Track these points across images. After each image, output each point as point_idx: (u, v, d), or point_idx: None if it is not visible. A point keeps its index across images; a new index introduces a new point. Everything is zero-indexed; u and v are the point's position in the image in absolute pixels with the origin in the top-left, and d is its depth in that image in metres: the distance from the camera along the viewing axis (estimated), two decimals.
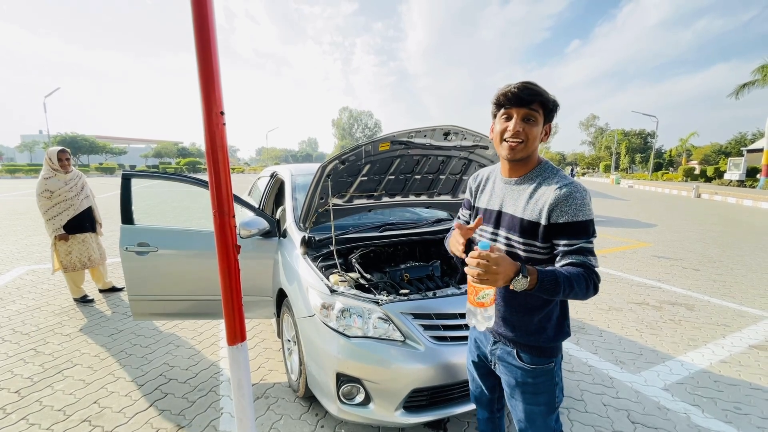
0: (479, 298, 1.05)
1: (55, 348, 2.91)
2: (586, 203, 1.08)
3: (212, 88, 1.23)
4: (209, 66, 1.21)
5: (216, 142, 1.25)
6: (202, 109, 1.24)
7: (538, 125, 1.12)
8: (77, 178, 3.75)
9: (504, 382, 1.31)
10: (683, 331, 3.40)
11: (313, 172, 3.38)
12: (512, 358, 1.25)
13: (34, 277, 4.60)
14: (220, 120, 1.25)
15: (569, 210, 1.07)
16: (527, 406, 1.25)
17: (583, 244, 1.08)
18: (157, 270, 2.61)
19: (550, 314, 1.21)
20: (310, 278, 2.08)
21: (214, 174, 1.28)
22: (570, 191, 1.08)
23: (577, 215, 1.07)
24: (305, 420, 2.14)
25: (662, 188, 23.94)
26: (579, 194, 1.08)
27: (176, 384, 2.48)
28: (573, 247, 1.09)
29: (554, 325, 1.21)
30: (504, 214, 1.21)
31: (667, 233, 8.47)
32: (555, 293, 1.03)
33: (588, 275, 1.06)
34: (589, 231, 1.09)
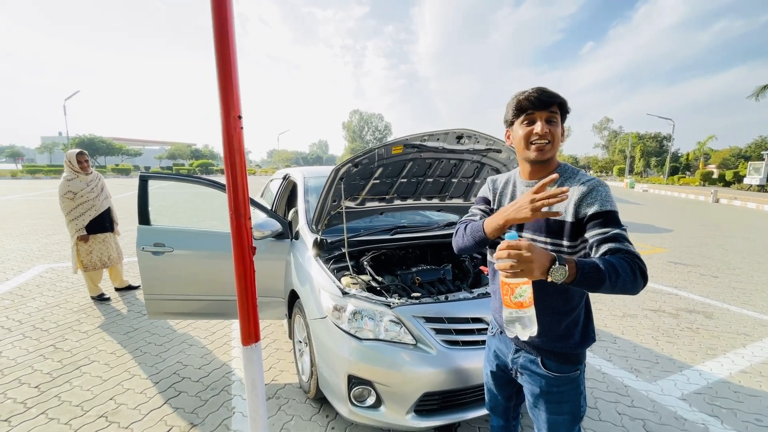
0: (516, 297, 0.95)
1: (73, 344, 2.99)
2: (611, 196, 1.08)
3: (230, 93, 1.25)
4: (228, 71, 1.24)
5: (233, 145, 1.28)
6: (221, 112, 1.26)
7: (559, 126, 1.15)
8: (97, 179, 3.85)
9: (527, 391, 1.28)
10: (701, 340, 3.31)
11: (325, 175, 3.42)
12: (536, 366, 1.22)
13: (53, 275, 4.73)
14: (237, 124, 1.27)
15: (596, 201, 1.07)
16: (551, 416, 1.22)
17: (618, 231, 1.03)
18: (172, 270, 2.66)
19: (577, 319, 1.19)
20: (322, 280, 2.09)
21: (232, 177, 1.30)
22: (594, 185, 1.09)
23: (605, 205, 1.06)
24: (316, 421, 2.15)
25: (678, 192, 23.42)
26: (603, 188, 1.09)
27: (189, 382, 2.52)
28: (608, 235, 1.03)
29: (581, 329, 1.19)
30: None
31: (684, 239, 8.28)
32: (599, 282, 0.92)
33: (632, 260, 0.97)
34: (619, 221, 1.06)
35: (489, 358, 1.45)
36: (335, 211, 2.40)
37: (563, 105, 1.15)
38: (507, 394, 1.44)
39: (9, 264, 5.17)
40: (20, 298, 3.94)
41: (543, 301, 1.17)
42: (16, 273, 4.78)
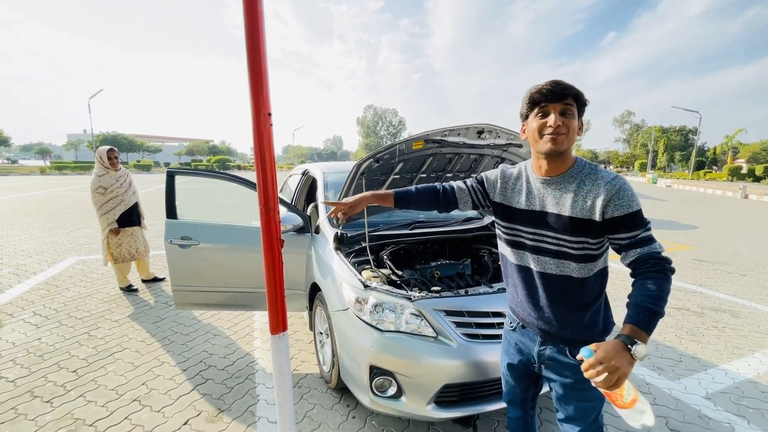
0: (626, 398, 0.98)
1: (105, 332, 3.14)
2: (634, 193, 1.10)
3: (261, 91, 1.30)
4: (258, 70, 1.28)
5: (264, 142, 1.32)
6: (251, 110, 1.31)
7: (574, 118, 1.13)
8: (125, 175, 4.01)
9: (556, 383, 1.29)
10: (727, 339, 3.23)
11: (344, 170, 3.48)
12: (564, 357, 1.24)
13: (84, 267, 4.95)
14: (267, 121, 1.32)
15: (623, 203, 1.08)
16: (580, 404, 1.25)
17: (643, 234, 1.09)
18: (198, 262, 2.75)
19: (599, 308, 1.23)
20: (343, 273, 2.14)
21: (261, 172, 1.35)
22: (620, 185, 1.09)
23: (631, 206, 1.08)
24: (337, 410, 2.21)
25: (704, 188, 22.59)
26: (627, 186, 1.10)
27: (215, 371, 2.62)
28: (635, 239, 1.10)
29: (602, 317, 1.24)
30: (549, 214, 1.19)
31: (710, 236, 8.02)
32: (661, 316, 1.02)
33: (661, 269, 1.06)
34: (644, 220, 1.11)
35: (508, 351, 1.46)
36: None
37: (579, 97, 1.13)
38: (525, 385, 1.46)
39: (43, 256, 5.43)
40: (55, 288, 4.14)
41: (569, 296, 1.20)
42: (50, 264, 5.02)
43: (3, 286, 4.14)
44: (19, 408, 2.18)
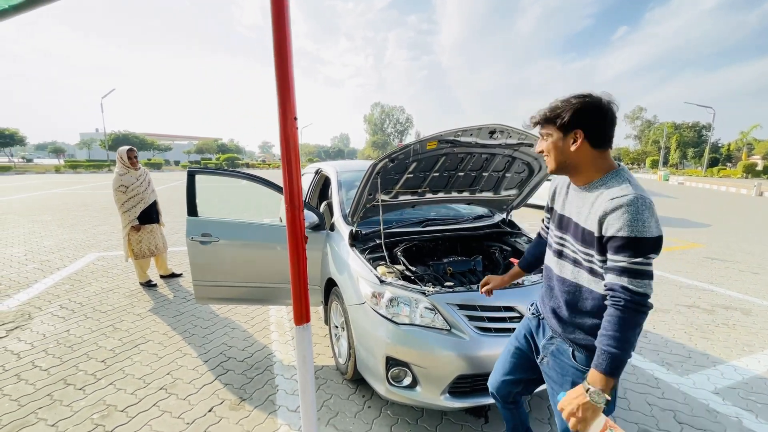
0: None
1: (129, 325, 3.27)
2: (640, 218, 0.99)
3: (288, 97, 1.38)
4: (286, 77, 1.37)
5: (290, 144, 1.41)
6: (279, 114, 1.40)
7: (552, 138, 1.18)
8: (145, 174, 4.14)
9: (551, 380, 1.34)
10: (737, 336, 3.25)
11: (356, 169, 3.57)
12: (566, 357, 1.27)
13: (104, 263, 5.12)
14: (294, 125, 1.40)
15: (617, 222, 1.02)
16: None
17: (626, 264, 1.01)
18: (218, 258, 2.86)
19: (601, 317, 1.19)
20: (359, 269, 2.23)
21: (287, 172, 1.44)
22: (620, 204, 1.02)
23: (622, 229, 1.01)
24: (353, 400, 2.31)
25: (718, 185, 22.23)
26: (633, 206, 1.00)
27: (235, 362, 2.73)
28: (613, 265, 1.05)
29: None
30: (571, 221, 1.24)
31: (723, 234, 7.95)
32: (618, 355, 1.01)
33: (617, 302, 1.02)
34: (636, 249, 1.00)
35: (518, 335, 1.56)
36: (370, 204, 2.52)
37: (548, 118, 1.16)
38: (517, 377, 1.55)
39: (65, 252, 5.62)
40: (78, 283, 4.30)
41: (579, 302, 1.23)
42: (72, 260, 5.20)
43: (30, 281, 4.31)
44: (54, 395, 2.31)
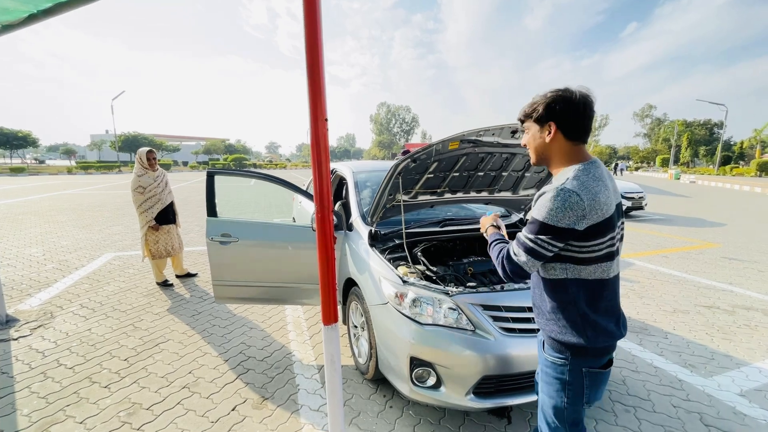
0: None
1: (149, 324, 3.32)
2: (547, 205, 1.11)
3: (319, 98, 1.39)
4: (317, 79, 1.37)
5: (320, 144, 1.42)
6: (310, 116, 1.41)
7: (531, 131, 1.27)
8: (162, 175, 4.19)
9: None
10: (760, 338, 3.19)
11: (371, 170, 3.57)
12: (540, 346, 1.36)
13: (120, 263, 5.19)
14: (324, 125, 1.41)
15: (535, 208, 1.17)
16: (541, 395, 1.35)
17: (520, 234, 1.21)
18: (237, 258, 2.89)
19: (561, 308, 1.21)
20: (381, 269, 2.23)
21: (318, 173, 1.45)
22: (546, 190, 1.14)
23: (533, 212, 1.17)
24: (374, 400, 2.31)
25: (731, 184, 21.85)
26: (550, 195, 1.11)
27: (255, 361, 2.75)
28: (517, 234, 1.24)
29: (564, 323, 1.21)
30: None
31: (739, 234, 7.81)
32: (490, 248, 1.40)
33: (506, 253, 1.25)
34: (531, 226, 1.16)
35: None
36: (390, 204, 2.52)
37: (528, 114, 1.25)
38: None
39: (82, 252, 5.71)
40: (96, 282, 4.37)
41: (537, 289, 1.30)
42: (89, 260, 5.28)
43: (50, 281, 4.39)
44: (80, 392, 2.35)
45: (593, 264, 1.14)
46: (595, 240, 1.11)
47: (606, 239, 1.12)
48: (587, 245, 1.12)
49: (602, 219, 1.08)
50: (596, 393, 1.24)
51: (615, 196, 1.16)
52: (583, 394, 1.23)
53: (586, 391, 1.22)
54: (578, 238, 1.11)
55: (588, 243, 1.11)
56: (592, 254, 1.13)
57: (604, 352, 1.21)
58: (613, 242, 1.15)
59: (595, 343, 1.18)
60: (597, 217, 1.08)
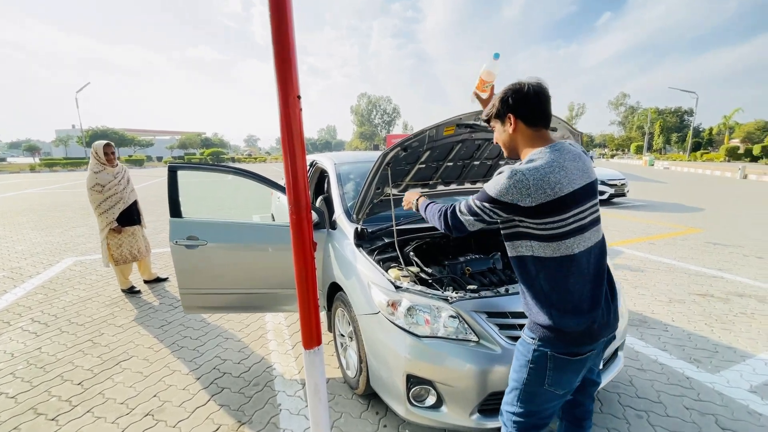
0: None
1: (110, 339, 2.96)
2: (498, 180, 1.16)
3: (289, 71, 1.10)
4: (286, 47, 1.08)
5: (293, 128, 1.13)
6: (278, 93, 1.12)
7: (496, 128, 1.34)
8: (123, 171, 3.78)
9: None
10: (759, 326, 3.12)
11: (355, 161, 3.29)
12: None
13: (81, 269, 4.74)
14: (297, 104, 1.12)
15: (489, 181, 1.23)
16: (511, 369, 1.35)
17: (469, 198, 1.28)
18: (206, 263, 2.57)
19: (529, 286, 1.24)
20: (370, 273, 1.97)
21: (291, 166, 1.16)
22: (501, 170, 1.18)
23: (485, 185, 1.22)
24: (366, 419, 2.07)
25: (702, 169, 22.58)
26: (502, 173, 1.16)
27: (231, 378, 2.46)
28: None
29: (533, 302, 1.24)
30: None
31: (718, 218, 7.93)
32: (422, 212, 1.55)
33: (446, 209, 1.36)
34: (480, 194, 1.23)
35: None
36: (378, 198, 2.26)
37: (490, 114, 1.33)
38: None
39: (39, 258, 5.21)
40: (53, 291, 3.94)
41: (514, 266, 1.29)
42: (46, 266, 4.81)
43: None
44: (22, 428, 2.01)
45: (554, 241, 1.15)
46: (551, 218, 1.13)
47: (565, 217, 1.13)
48: (542, 222, 1.14)
49: (552, 198, 1.11)
50: (561, 380, 1.22)
51: (582, 177, 1.17)
52: (545, 377, 1.22)
53: (548, 374, 1.21)
54: (530, 215, 1.14)
55: (543, 220, 1.14)
56: (551, 231, 1.14)
57: (577, 339, 1.18)
58: (575, 221, 1.15)
59: (562, 324, 1.17)
60: (545, 196, 1.11)
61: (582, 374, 1.26)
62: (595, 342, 1.21)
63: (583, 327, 1.17)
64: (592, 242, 1.19)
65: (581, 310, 1.17)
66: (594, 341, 1.21)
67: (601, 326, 1.20)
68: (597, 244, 1.21)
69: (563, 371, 1.21)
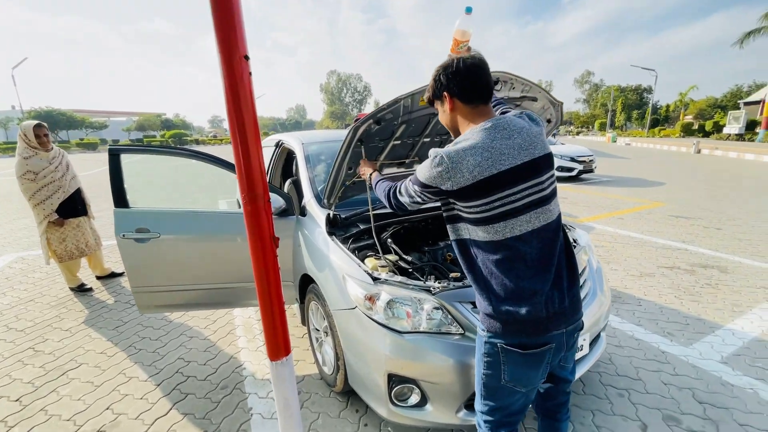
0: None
1: (55, 346, 2.65)
2: (424, 164, 1.15)
3: (233, 27, 0.86)
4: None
5: (241, 97, 0.90)
6: (219, 54, 0.88)
7: (438, 110, 1.29)
8: (60, 156, 3.33)
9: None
10: (724, 296, 3.23)
11: (325, 140, 3.04)
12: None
13: (24, 266, 4.27)
14: (245, 68, 0.89)
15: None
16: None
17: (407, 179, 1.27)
18: (161, 258, 2.30)
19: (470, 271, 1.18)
20: (345, 265, 1.79)
21: (241, 145, 0.94)
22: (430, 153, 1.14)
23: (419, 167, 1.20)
24: (346, 418, 1.94)
25: (660, 145, 23.67)
26: (429, 158, 1.14)
27: (196, 382, 2.25)
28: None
29: (476, 287, 1.19)
30: None
31: (678, 191, 8.29)
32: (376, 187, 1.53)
33: (389, 186, 1.38)
34: (413, 177, 1.22)
35: None
36: (351, 180, 2.06)
37: (430, 96, 1.29)
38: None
39: None
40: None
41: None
42: None
43: None
44: None
45: (483, 225, 1.10)
46: (474, 201, 1.07)
47: (489, 200, 1.07)
48: (468, 206, 1.09)
49: (471, 182, 1.05)
50: (517, 375, 1.15)
51: (520, 155, 1.08)
52: (500, 371, 1.16)
53: (503, 368, 1.15)
54: (456, 198, 1.10)
55: (467, 204, 1.09)
56: (478, 215, 1.09)
57: (524, 329, 1.10)
58: (502, 204, 1.07)
59: (501, 311, 1.11)
60: (463, 180, 1.06)
61: (543, 371, 1.16)
62: (548, 333, 1.11)
63: (526, 315, 1.08)
64: (532, 226, 1.09)
65: (521, 297, 1.09)
66: (546, 332, 1.10)
67: (554, 315, 1.10)
68: (543, 227, 1.11)
69: (517, 365, 1.14)
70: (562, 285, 1.12)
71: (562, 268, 1.14)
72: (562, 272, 1.13)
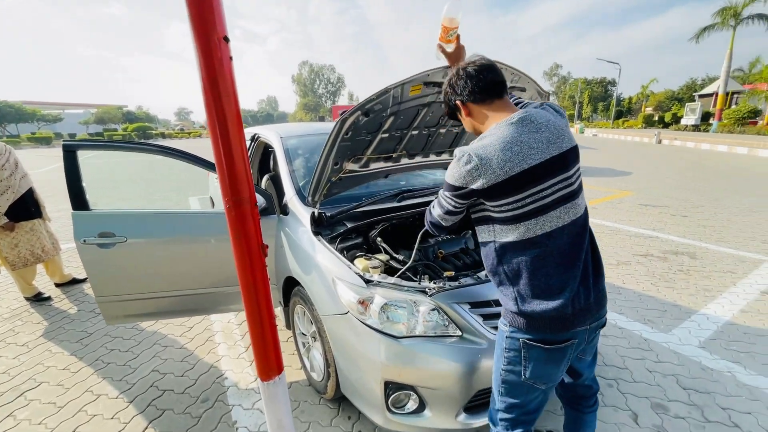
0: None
1: (10, 363, 2.40)
2: (451, 166, 1.11)
3: (209, 5, 0.73)
4: None
5: (221, 85, 0.78)
6: (194, 36, 0.75)
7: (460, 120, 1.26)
8: (6, 152, 3.00)
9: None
10: (695, 282, 3.37)
11: (304, 133, 2.89)
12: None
13: None
14: (224, 51, 0.77)
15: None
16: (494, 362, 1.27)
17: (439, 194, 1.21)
18: (128, 264, 2.11)
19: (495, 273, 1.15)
20: (334, 267, 1.69)
21: (222, 140, 0.81)
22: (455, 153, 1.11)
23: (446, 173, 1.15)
24: (338, 426, 1.85)
25: (625, 135, 24.70)
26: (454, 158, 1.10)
27: (173, 396, 2.09)
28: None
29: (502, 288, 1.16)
30: None
31: (644, 180, 8.64)
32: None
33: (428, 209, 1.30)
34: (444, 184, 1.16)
35: None
36: (337, 176, 1.94)
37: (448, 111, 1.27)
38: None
39: None
40: None
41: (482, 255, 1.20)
42: None
43: None
44: None
45: (513, 223, 1.06)
46: (504, 199, 1.03)
47: (520, 198, 1.03)
48: (498, 204, 1.05)
49: (503, 178, 1.01)
50: (539, 371, 1.13)
51: (548, 149, 1.04)
52: (521, 367, 1.15)
53: (524, 363, 1.14)
54: (486, 198, 1.06)
55: (497, 202, 1.05)
56: (508, 213, 1.05)
57: (550, 325, 1.08)
58: (533, 200, 1.04)
59: (529, 309, 1.08)
60: (494, 177, 1.01)
61: (564, 366, 1.15)
62: (572, 329, 1.09)
63: (553, 312, 1.06)
64: (562, 222, 1.06)
65: (549, 295, 1.07)
66: (570, 328, 1.09)
67: (579, 311, 1.08)
68: (572, 222, 1.08)
69: (539, 361, 1.12)
70: (588, 281, 1.10)
71: (588, 264, 1.12)
72: (588, 268, 1.11)
